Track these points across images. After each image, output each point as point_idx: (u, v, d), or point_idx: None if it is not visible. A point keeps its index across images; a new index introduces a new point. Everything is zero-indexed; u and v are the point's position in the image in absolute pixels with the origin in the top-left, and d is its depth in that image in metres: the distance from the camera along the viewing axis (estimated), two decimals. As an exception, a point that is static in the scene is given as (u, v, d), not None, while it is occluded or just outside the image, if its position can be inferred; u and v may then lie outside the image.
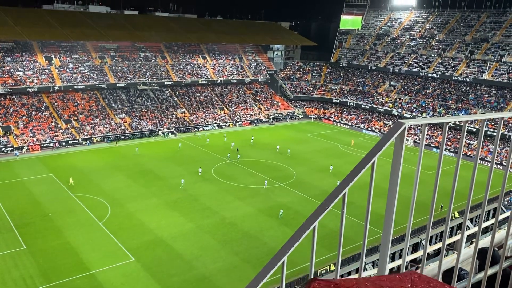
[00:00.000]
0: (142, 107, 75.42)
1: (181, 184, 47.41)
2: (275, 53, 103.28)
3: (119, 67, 78.52)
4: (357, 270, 10.36)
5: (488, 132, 63.36)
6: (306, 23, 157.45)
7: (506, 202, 37.68)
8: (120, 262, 31.93)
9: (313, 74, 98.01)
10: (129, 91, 77.14)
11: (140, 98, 77.17)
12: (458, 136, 67.28)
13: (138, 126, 70.49)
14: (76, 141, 63.37)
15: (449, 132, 70.86)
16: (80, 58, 76.28)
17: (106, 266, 31.29)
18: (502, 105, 70.27)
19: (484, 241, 5.76)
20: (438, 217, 35.47)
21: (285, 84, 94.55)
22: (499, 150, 62.17)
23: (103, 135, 66.02)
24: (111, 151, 60.64)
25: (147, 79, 79.27)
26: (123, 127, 69.11)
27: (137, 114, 73.26)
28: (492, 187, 3.08)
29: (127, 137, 67.31)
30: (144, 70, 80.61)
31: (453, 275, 3.36)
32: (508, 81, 71.45)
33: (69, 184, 46.00)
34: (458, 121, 2.64)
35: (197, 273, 31.12)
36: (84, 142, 63.70)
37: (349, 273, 16.96)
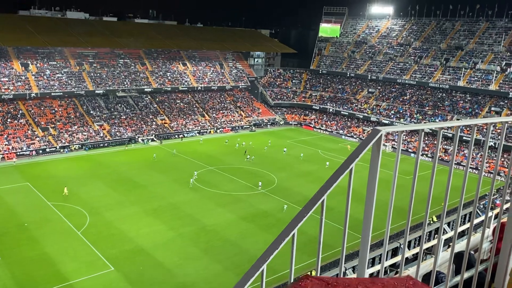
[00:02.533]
0: (121, 114, 74.58)
1: (190, 183, 49.34)
2: (256, 60, 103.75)
3: (98, 74, 77.57)
4: (337, 276, 10.39)
5: (464, 138, 64.80)
6: (286, 31, 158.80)
7: (482, 206, 38.53)
8: (99, 272, 31.34)
9: (293, 81, 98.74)
10: (108, 98, 76.22)
11: (119, 105, 76.32)
12: (436, 142, 68.51)
13: (117, 133, 69.63)
14: (53, 149, 62.15)
15: (426, 138, 72.24)
16: (58, 65, 75.07)
17: (85, 276, 30.66)
18: (476, 111, 72.06)
19: (461, 245, 5.87)
20: (416, 222, 35.99)
21: (265, 91, 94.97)
22: (474, 155, 63.61)
23: (81, 142, 64.96)
24: (90, 159, 59.69)
25: (126, 85, 78.50)
26: (101, 135, 68.15)
27: (116, 121, 72.38)
28: (468, 191, 3.15)
29: (106, 145, 66.44)
30: (123, 76, 79.82)
31: (431, 279, 3.41)
32: (482, 88, 73.37)
33: (63, 194, 44.63)
34: (433, 128, 2.70)
35: (178, 281, 30.78)
36: (62, 150, 62.54)
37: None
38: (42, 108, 68.97)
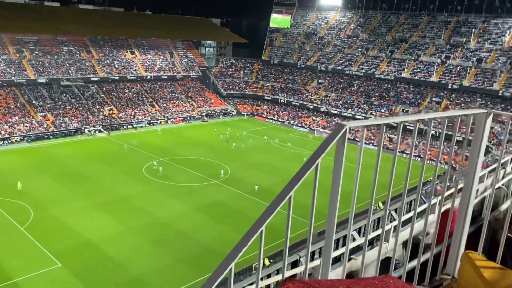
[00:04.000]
0: (66, 104, 71.39)
1: (159, 172, 49.74)
2: (207, 49, 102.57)
3: (40, 62, 73.64)
4: (293, 264, 10.64)
5: (407, 127, 67.69)
6: (237, 20, 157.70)
7: (423, 192, 40.54)
8: (45, 268, 30.09)
9: (245, 71, 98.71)
10: (51, 87, 72.63)
11: (64, 94, 72.98)
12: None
13: (62, 124, 66.63)
14: (-9, 141, 58.57)
15: (372, 128, 74.81)
16: (-6, 52, 70.51)
17: (30, 273, 29.33)
18: (419, 101, 75.53)
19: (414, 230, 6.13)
20: (361, 209, 37.24)
21: (217, 81, 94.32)
22: (416, 143, 66.81)
23: (23, 134, 61.60)
24: (33, 152, 56.80)
25: (71, 74, 75.12)
26: (45, 126, 64.96)
27: (60, 111, 69.20)
28: (412, 177, 3.25)
29: (50, 136, 63.43)
30: (67, 65, 76.30)
31: (386, 265, 3.54)
32: (424, 79, 76.94)
33: (17, 189, 42.09)
34: (394, 122, 2.79)
35: (130, 275, 30.19)
36: (1, 142, 59.03)
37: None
38: (-22, 98, 64.66)
